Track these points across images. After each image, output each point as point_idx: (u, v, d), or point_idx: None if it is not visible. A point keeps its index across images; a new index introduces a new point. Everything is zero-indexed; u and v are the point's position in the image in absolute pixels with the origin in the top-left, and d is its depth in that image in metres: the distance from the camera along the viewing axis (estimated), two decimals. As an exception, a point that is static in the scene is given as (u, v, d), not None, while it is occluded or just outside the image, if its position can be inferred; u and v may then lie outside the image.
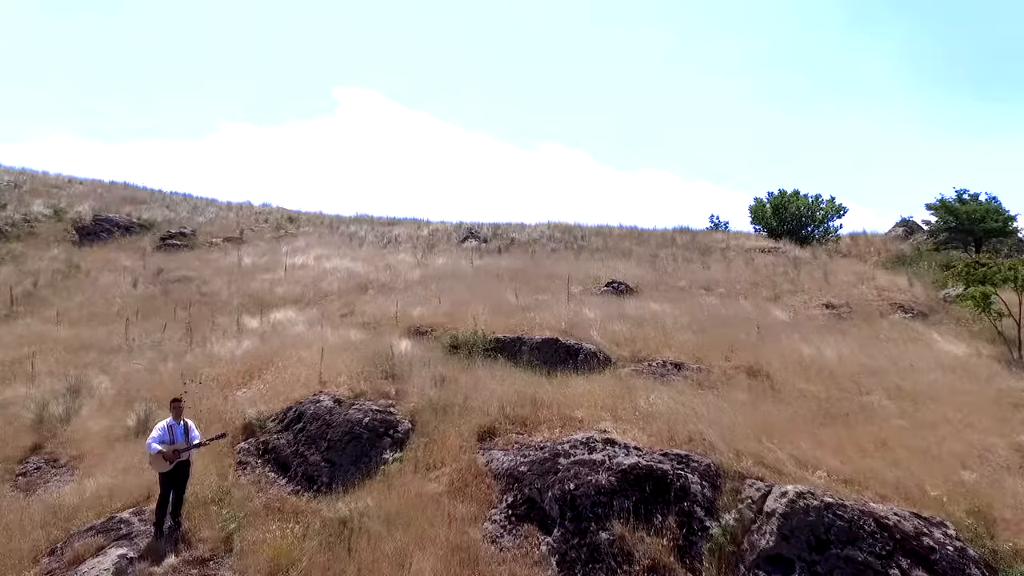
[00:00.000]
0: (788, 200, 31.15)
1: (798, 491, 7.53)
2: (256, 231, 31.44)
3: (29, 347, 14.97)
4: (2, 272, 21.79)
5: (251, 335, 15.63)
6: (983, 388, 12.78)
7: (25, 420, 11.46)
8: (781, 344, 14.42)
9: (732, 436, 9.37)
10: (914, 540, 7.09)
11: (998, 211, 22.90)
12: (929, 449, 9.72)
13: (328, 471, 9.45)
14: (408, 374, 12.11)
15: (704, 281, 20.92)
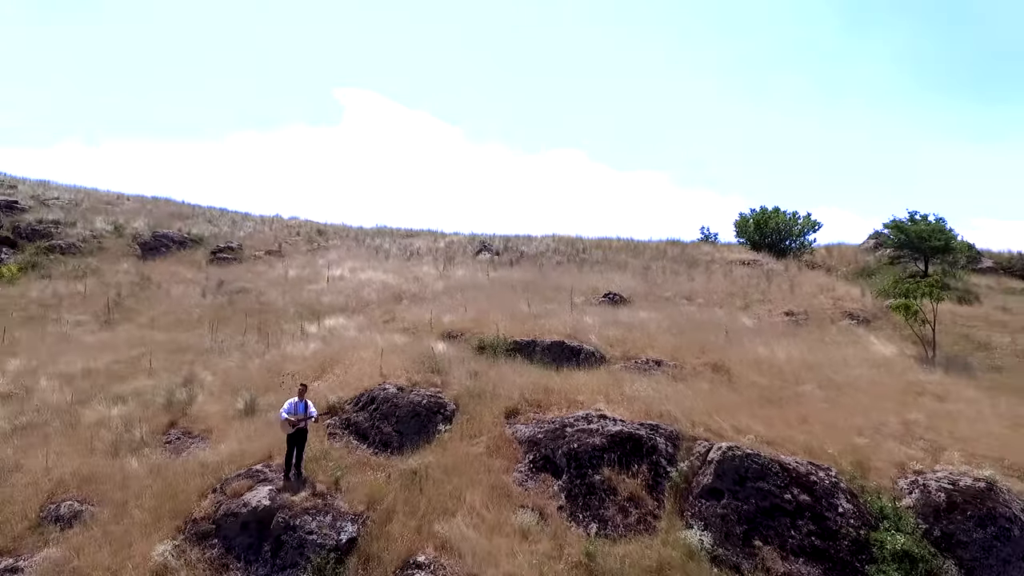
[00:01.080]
0: (769, 216, 34.50)
1: (728, 446, 10.94)
2: (292, 244, 34.89)
3: (138, 349, 18.42)
4: (87, 284, 25.28)
5: (313, 339, 19.06)
6: (896, 380, 16.19)
7: (158, 404, 14.88)
8: (743, 346, 17.82)
9: (691, 413, 12.78)
10: (804, 477, 10.49)
11: (942, 231, 26.26)
12: (837, 423, 13.13)
13: (398, 438, 12.86)
14: (448, 369, 15.50)
15: (687, 292, 24.32)
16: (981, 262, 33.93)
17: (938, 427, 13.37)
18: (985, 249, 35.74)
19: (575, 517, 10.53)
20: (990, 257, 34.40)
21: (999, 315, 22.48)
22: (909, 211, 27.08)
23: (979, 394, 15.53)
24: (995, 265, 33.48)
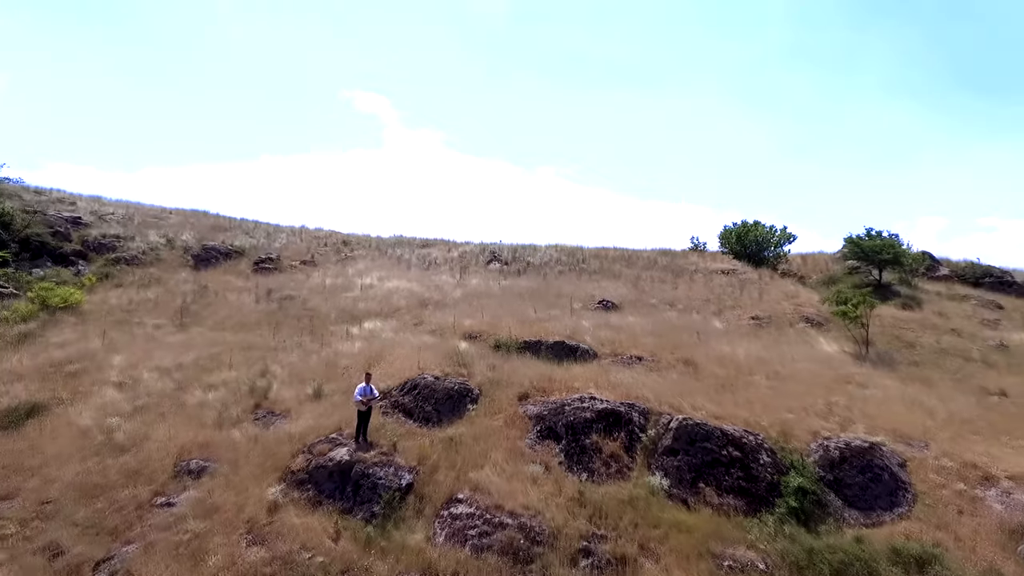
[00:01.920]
0: (749, 229, 38.27)
1: (684, 418, 14.76)
2: (322, 255, 38.77)
3: (214, 347, 22.28)
4: (155, 292, 29.19)
5: (357, 339, 22.90)
6: (831, 372, 19.99)
7: (243, 391, 18.73)
8: (710, 345, 21.63)
9: (660, 395, 16.58)
10: (738, 440, 14.29)
11: (892, 246, 30.01)
12: (774, 404, 16.92)
13: (436, 415, 16.68)
14: (472, 363, 19.32)
15: (670, 299, 28.11)
16: (939, 270, 37.66)
17: (854, 407, 17.16)
18: (944, 258, 39.50)
19: (571, 469, 14.35)
20: (947, 265, 38.10)
21: (934, 319, 26.25)
22: (866, 228, 30.87)
23: (895, 383, 19.33)
24: (950, 273, 37.19)
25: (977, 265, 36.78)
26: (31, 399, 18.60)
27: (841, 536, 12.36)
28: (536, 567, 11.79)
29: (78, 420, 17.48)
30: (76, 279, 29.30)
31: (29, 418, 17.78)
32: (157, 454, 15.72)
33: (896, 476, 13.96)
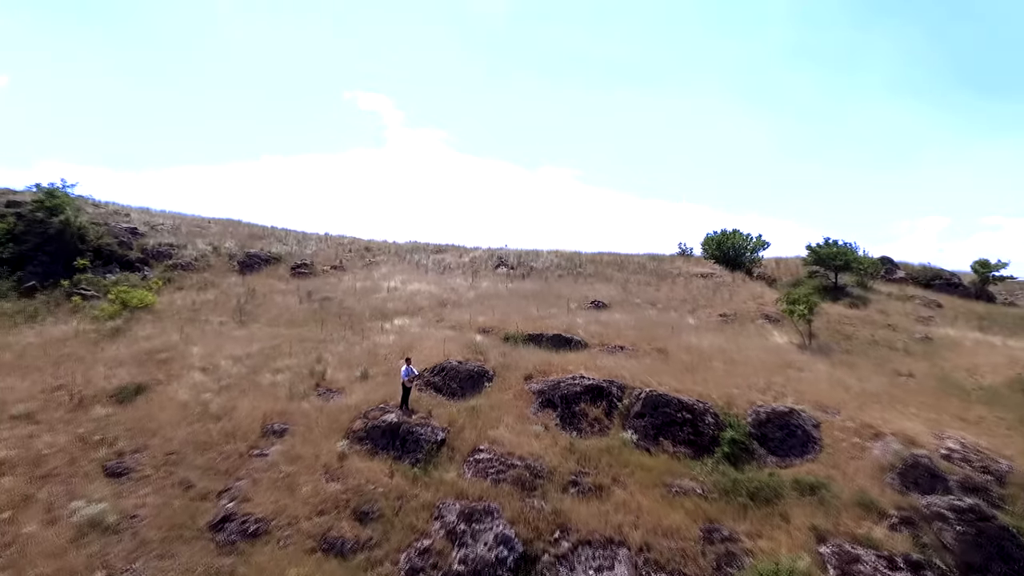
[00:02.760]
0: (728, 237, 42.68)
1: (651, 390, 19.25)
2: (349, 260, 43.29)
3: (273, 340, 26.79)
4: (212, 293, 33.73)
5: (390, 333, 27.39)
6: (776, 358, 24.43)
7: (304, 373, 23.21)
8: (681, 337, 26.08)
9: (635, 375, 21.04)
10: (690, 406, 18.77)
11: (844, 253, 34.45)
12: (724, 382, 21.36)
13: (460, 391, 21.17)
14: (486, 351, 23.79)
15: (653, 299, 32.56)
16: (896, 273, 42.07)
17: (788, 385, 21.60)
18: (903, 262, 43.91)
19: (564, 428, 18.83)
20: (904, 268, 42.50)
21: (875, 316, 30.67)
22: (825, 237, 35.34)
23: (826, 367, 23.78)
24: (906, 275, 41.60)
25: (929, 268, 41.17)
26: (136, 380, 23.14)
27: (760, 472, 16.84)
28: (538, 493, 16.28)
29: (177, 396, 22.01)
30: (144, 283, 33.83)
31: (138, 395, 22.32)
32: (246, 420, 20.22)
33: (808, 433, 18.42)
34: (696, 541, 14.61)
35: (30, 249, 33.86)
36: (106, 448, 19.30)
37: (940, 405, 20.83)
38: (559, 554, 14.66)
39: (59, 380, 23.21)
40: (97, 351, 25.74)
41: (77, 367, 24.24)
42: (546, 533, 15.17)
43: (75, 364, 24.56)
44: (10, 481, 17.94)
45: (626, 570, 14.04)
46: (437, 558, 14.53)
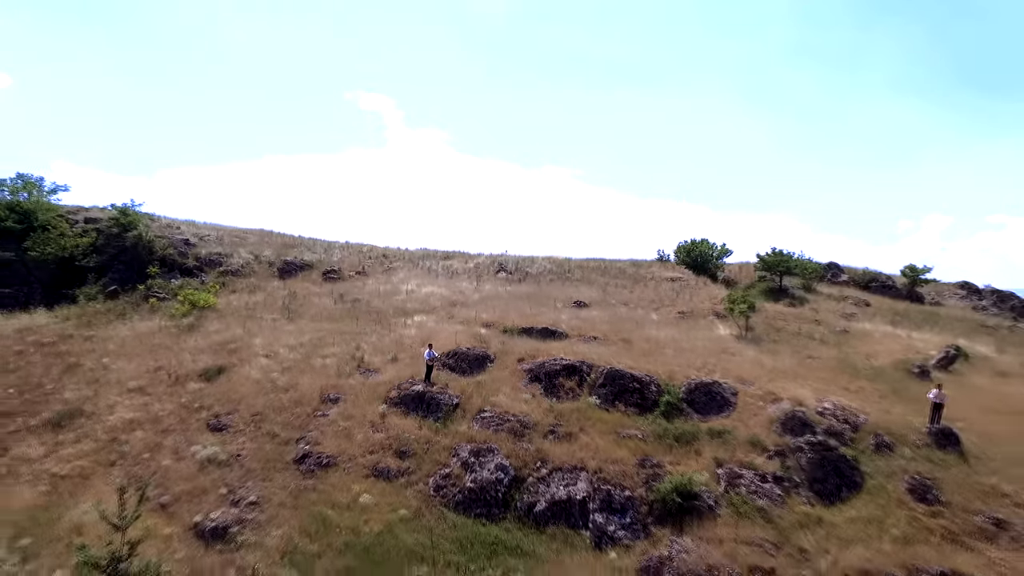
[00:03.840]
0: (696, 245, 48.94)
1: (611, 367, 25.56)
2: (370, 266, 49.53)
3: (318, 333, 33.04)
4: (260, 296, 40.00)
5: (411, 327, 33.61)
6: (716, 346, 30.67)
7: (347, 358, 29.45)
8: (644, 330, 32.34)
9: (602, 357, 27.29)
10: (639, 379, 25.07)
11: (787, 260, 40.68)
12: (671, 362, 27.61)
13: (469, 369, 27.45)
14: (489, 340, 30.05)
15: (626, 300, 38.81)
16: (840, 276, 48.28)
17: (720, 365, 27.82)
18: (847, 266, 50.13)
19: (546, 395, 25.10)
20: (848, 273, 48.72)
21: (807, 313, 36.91)
22: (772, 247, 41.61)
23: (754, 352, 30.02)
24: (848, 279, 47.81)
25: (868, 272, 47.44)
26: (216, 363, 29.42)
27: (686, 424, 23.13)
28: (526, 438, 22.55)
29: (251, 375, 28.28)
30: (203, 287, 40.08)
31: (219, 374, 28.60)
32: (307, 391, 26.50)
33: (726, 398, 24.69)
34: (633, 467, 20.91)
35: (108, 259, 40.22)
36: (205, 412, 25.63)
37: (832, 379, 27.11)
38: (539, 476, 20.95)
39: (157, 363, 29.54)
40: (180, 342, 32.04)
41: (168, 354, 30.56)
42: (531, 464, 21.47)
43: (165, 352, 30.87)
44: (141, 434, 24.34)
45: (584, 485, 20.30)
46: (455, 480, 20.82)
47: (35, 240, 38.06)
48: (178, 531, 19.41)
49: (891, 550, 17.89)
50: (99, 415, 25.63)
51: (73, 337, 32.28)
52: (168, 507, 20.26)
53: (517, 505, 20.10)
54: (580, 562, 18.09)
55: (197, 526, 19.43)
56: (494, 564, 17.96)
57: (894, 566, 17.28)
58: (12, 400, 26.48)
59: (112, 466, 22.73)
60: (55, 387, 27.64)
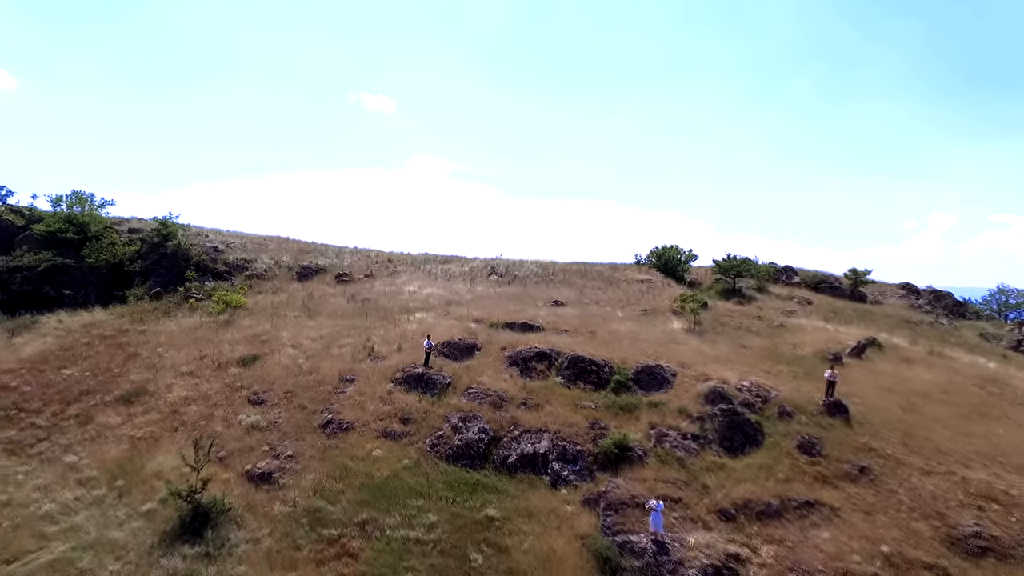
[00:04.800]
0: (666, 251, 54.45)
1: (574, 353, 31.16)
2: (376, 269, 55.11)
3: (334, 328, 38.61)
4: (282, 296, 45.61)
5: (413, 322, 39.16)
6: (668, 338, 36.25)
7: (359, 347, 35.00)
8: (608, 325, 37.91)
9: (569, 346, 32.85)
10: (596, 362, 30.67)
11: (737, 265, 46.18)
12: (627, 350, 33.17)
13: (460, 356, 33.03)
14: (477, 333, 35.61)
15: (599, 299, 44.35)
16: (794, 278, 53.78)
17: (667, 352, 33.34)
18: (800, 268, 55.62)
19: (521, 376, 30.68)
20: (799, 275, 54.20)
21: (753, 310, 42.44)
22: (727, 253, 47.16)
23: (699, 343, 35.58)
24: (800, 281, 53.30)
25: (818, 274, 52.98)
26: (251, 352, 35.00)
27: (631, 398, 28.67)
28: (503, 408, 28.11)
29: (280, 361, 33.85)
30: (233, 289, 45.68)
31: (254, 361, 34.15)
32: (328, 373, 32.06)
33: (666, 378, 30.24)
34: (585, 429, 26.48)
35: (152, 264, 45.90)
36: (245, 390, 31.23)
37: (757, 364, 32.65)
38: (512, 436, 26.52)
39: (202, 352, 35.16)
40: (219, 335, 37.66)
41: (209, 345, 36.17)
42: (506, 427, 27.04)
43: (207, 343, 36.48)
44: (195, 407, 29.93)
45: (546, 442, 25.85)
46: (447, 439, 26.37)
47: (91, 248, 43.74)
48: (233, 476, 25.02)
49: (772, 486, 23.48)
50: (160, 393, 31.27)
51: (129, 331, 37.96)
52: (224, 460, 25.85)
53: (494, 457, 25.68)
54: (540, 497, 23.66)
55: (247, 473, 25.05)
56: (474, 498, 23.54)
57: (771, 496, 22.88)
58: (89, 381, 32.16)
59: (175, 431, 28.35)
60: (121, 371, 33.30)
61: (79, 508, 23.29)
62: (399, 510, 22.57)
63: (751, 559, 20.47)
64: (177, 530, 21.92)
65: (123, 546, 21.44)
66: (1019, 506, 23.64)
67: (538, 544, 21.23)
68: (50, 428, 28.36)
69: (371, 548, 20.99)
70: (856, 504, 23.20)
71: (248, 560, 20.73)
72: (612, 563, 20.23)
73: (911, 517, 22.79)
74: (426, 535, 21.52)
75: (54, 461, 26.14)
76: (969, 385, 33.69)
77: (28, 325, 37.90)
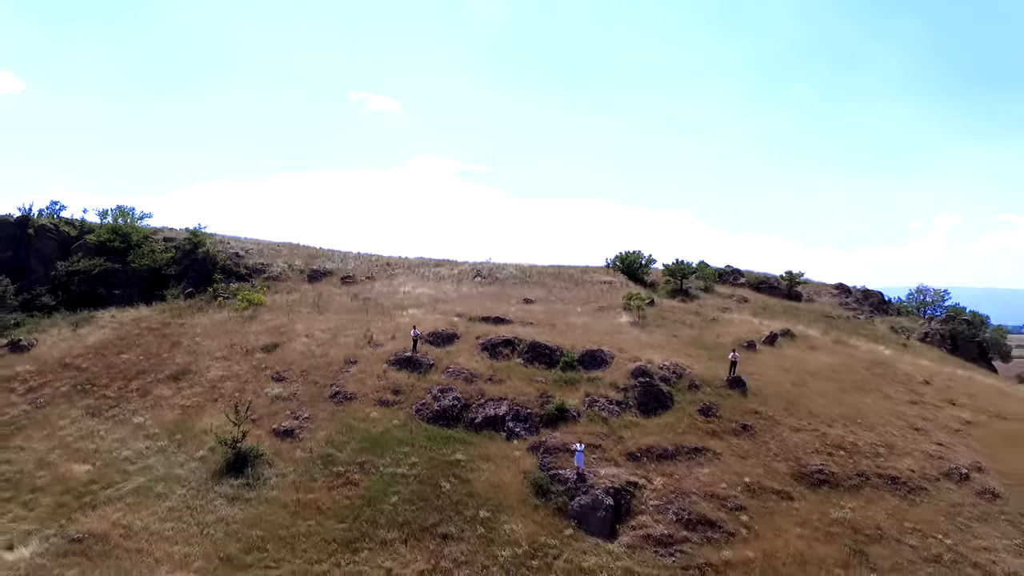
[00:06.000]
0: (629, 255, 61.50)
1: (533, 339, 38.32)
2: (376, 272, 62.20)
3: (341, 321, 45.72)
4: (296, 295, 52.73)
5: (406, 316, 46.20)
6: (613, 329, 43.37)
7: (361, 336, 42.05)
8: (567, 319, 45.01)
9: (531, 335, 39.95)
10: (550, 347, 37.82)
11: (682, 268, 53.15)
12: (578, 339, 40.26)
13: (442, 343, 40.10)
14: (458, 325, 42.66)
15: (564, 298, 51.41)
16: (740, 279, 60.83)
17: (611, 341, 40.38)
18: (747, 270, 62.67)
19: (491, 358, 37.76)
20: (745, 276, 61.24)
21: (693, 307, 49.54)
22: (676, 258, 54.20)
23: (639, 333, 42.68)
24: (745, 281, 60.34)
25: (761, 275, 60.02)
26: (272, 341, 42.05)
27: (574, 374, 35.78)
28: (473, 383, 35.19)
29: (297, 348, 40.92)
30: (253, 289, 52.75)
31: (275, 348, 41.21)
32: (335, 357, 39.14)
33: (606, 360, 37.31)
34: (535, 397, 33.58)
35: (184, 269, 53.10)
36: (269, 370, 38.33)
37: (682, 349, 39.72)
38: (479, 403, 33.58)
39: (232, 341, 42.28)
40: (244, 327, 44.78)
41: (237, 335, 43.29)
42: (475, 397, 34.12)
43: (235, 334, 43.61)
44: (230, 383, 37.09)
45: (505, 408, 32.91)
46: (428, 405, 33.42)
47: (134, 255, 50.99)
48: (263, 433, 32.11)
49: (672, 437, 30.60)
50: (201, 372, 38.41)
51: (171, 324, 45.13)
52: (256, 421, 32.91)
53: (464, 419, 32.78)
54: (497, 446, 30.76)
55: (275, 430, 32.16)
56: (447, 448, 30.62)
57: (669, 444, 30.01)
58: (143, 363, 39.34)
59: (215, 401, 35.46)
60: (168, 356, 40.45)
61: (149, 454, 30.48)
62: (389, 455, 29.68)
63: (646, 485, 27.61)
64: (224, 469, 29.03)
65: (185, 479, 28.60)
66: (860, 453, 30.76)
67: (492, 477, 28.36)
68: (118, 398, 35.55)
69: (368, 480, 28.12)
70: (735, 451, 30.30)
71: (278, 488, 27.89)
72: (544, 488, 27.36)
73: (774, 460, 29.90)
74: (409, 471, 28.64)
75: (125, 422, 33.32)
76: (858, 367, 40.76)
77: (87, 319, 45.14)
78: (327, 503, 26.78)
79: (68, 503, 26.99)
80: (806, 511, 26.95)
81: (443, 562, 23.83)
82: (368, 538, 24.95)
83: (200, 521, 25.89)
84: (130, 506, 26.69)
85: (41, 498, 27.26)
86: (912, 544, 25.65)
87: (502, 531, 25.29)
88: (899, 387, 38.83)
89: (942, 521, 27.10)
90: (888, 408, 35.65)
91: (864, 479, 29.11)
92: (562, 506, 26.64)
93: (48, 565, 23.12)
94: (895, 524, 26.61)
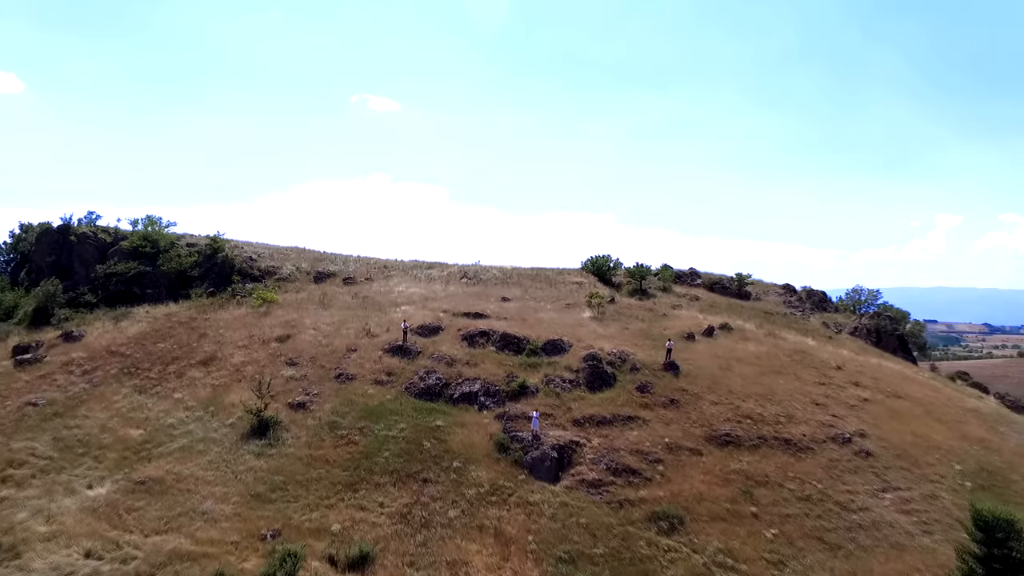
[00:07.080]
0: (598, 259, 68.22)
1: (505, 331, 45.09)
2: (375, 274, 68.90)
3: (344, 316, 52.41)
4: (303, 294, 59.43)
5: (399, 312, 52.96)
6: (578, 322, 50.19)
7: (361, 329, 48.79)
8: (537, 314, 51.79)
9: (504, 327, 46.71)
10: (519, 337, 44.60)
11: (641, 270, 59.90)
12: (544, 331, 47.04)
13: (428, 335, 46.85)
14: (443, 319, 49.42)
15: (538, 296, 58.14)
16: (697, 280, 67.62)
17: (573, 333, 47.15)
18: (705, 272, 69.45)
19: (469, 347, 44.53)
20: (702, 277, 68.02)
21: (649, 304, 56.34)
22: (636, 262, 60.90)
23: (596, 326, 49.46)
24: (701, 282, 67.11)
25: (713, 276, 66.84)
26: (284, 333, 48.69)
27: (537, 360, 42.58)
28: (453, 366, 41.95)
29: (306, 339, 47.64)
30: (267, 289, 59.43)
31: (288, 339, 47.87)
32: (339, 346, 45.85)
33: (564, 347, 44.07)
34: (503, 378, 40.34)
35: (205, 271, 59.75)
36: (283, 357, 45.05)
37: (631, 340, 46.48)
38: (458, 383, 40.33)
39: (250, 333, 49.00)
40: (260, 322, 51.49)
41: (254, 328, 50.01)
42: (455, 377, 40.87)
43: (253, 327, 50.32)
44: (251, 368, 43.85)
45: (479, 386, 39.65)
46: (416, 384, 40.16)
47: (163, 259, 57.69)
48: (280, 406, 38.80)
49: (611, 408, 37.38)
50: (226, 359, 45.10)
51: (197, 319, 51.83)
52: (274, 396, 39.58)
53: (445, 395, 39.53)
54: (470, 416, 37.49)
55: (290, 403, 38.86)
56: (430, 417, 37.33)
57: (607, 413, 36.80)
58: (176, 351, 46.02)
59: (239, 382, 42.15)
60: (197, 345, 47.14)
61: (189, 422, 37.17)
62: (383, 422, 36.41)
63: (585, 444, 34.39)
64: (249, 433, 35.71)
65: (219, 440, 35.31)
66: (763, 421, 37.56)
67: (465, 438, 35.11)
68: (159, 379, 42.26)
69: (365, 440, 34.84)
70: (661, 419, 37.10)
71: (294, 446, 34.61)
72: (505, 446, 34.10)
73: (692, 426, 36.70)
74: (399, 434, 35.37)
75: (167, 397, 40.03)
76: (781, 355, 47.59)
77: (125, 314, 51.84)
78: (333, 457, 33.50)
79: (129, 457, 33.67)
80: (710, 463, 33.75)
81: (422, 498, 30.57)
82: (365, 482, 31.66)
83: (234, 470, 32.61)
84: (178, 459, 33.39)
85: (107, 453, 33.93)
86: (791, 488, 32.44)
87: (470, 476, 32.05)
88: (813, 371, 45.62)
89: (820, 472, 33.89)
90: (797, 388, 42.46)
91: (763, 440, 35.90)
92: (519, 459, 33.37)
93: (121, 499, 29.82)
94: (780, 473, 33.41)
